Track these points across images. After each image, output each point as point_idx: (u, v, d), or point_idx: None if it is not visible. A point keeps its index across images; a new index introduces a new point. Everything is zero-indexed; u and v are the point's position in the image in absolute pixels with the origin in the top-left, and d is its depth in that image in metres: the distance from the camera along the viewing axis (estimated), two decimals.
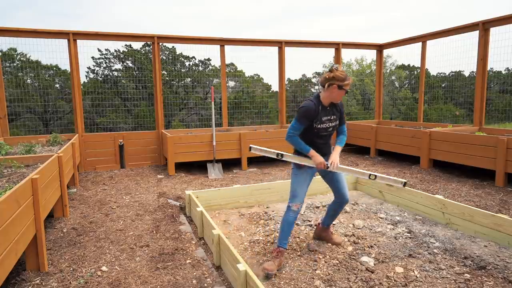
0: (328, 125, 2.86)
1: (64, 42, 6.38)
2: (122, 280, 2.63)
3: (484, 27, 6.27)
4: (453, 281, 2.56)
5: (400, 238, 3.31)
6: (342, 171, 2.98)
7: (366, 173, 2.97)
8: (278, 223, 3.70)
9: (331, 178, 3.06)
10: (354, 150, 8.30)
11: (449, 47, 7.40)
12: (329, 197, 4.69)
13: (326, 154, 2.92)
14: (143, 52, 18.73)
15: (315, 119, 2.79)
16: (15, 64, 14.93)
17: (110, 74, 18.64)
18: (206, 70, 20.08)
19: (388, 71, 20.59)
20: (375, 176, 2.93)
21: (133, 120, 12.14)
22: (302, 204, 2.99)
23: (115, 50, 18.56)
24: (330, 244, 3.17)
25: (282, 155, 2.91)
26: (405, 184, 2.95)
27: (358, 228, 3.56)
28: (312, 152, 2.81)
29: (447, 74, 15.86)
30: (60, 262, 2.93)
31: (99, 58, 18.54)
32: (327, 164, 2.83)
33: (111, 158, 6.73)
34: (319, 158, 2.81)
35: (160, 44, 7.18)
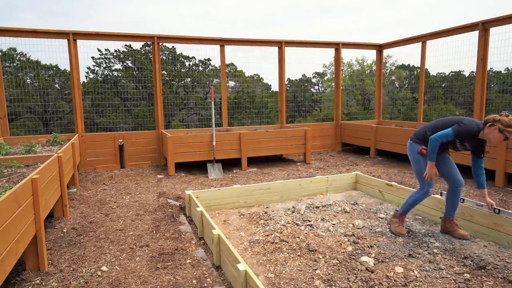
0: (463, 149, 3.17)
1: (64, 42, 6.39)
2: (122, 280, 2.64)
3: (484, 27, 6.27)
4: (453, 281, 2.56)
5: (400, 238, 3.31)
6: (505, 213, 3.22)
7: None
8: (278, 223, 3.70)
9: (442, 165, 3.29)
10: (354, 150, 8.30)
11: (449, 47, 7.41)
12: (329, 197, 4.69)
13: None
14: (143, 52, 18.73)
15: (464, 142, 3.09)
16: (15, 64, 14.93)
17: (110, 74, 18.63)
18: (206, 70, 20.08)
19: (388, 71, 20.58)
20: (499, 210, 3.20)
21: (133, 120, 12.15)
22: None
23: (115, 50, 18.56)
24: (330, 244, 3.17)
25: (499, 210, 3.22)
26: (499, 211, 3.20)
27: (358, 228, 3.56)
28: (433, 163, 3.15)
29: (447, 74, 15.86)
30: (60, 262, 2.93)
31: (99, 58, 18.53)
32: (493, 205, 3.22)
33: (111, 158, 6.74)
34: (433, 170, 3.17)
35: (160, 44, 7.19)
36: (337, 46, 8.38)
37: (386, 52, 10.88)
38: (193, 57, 19.60)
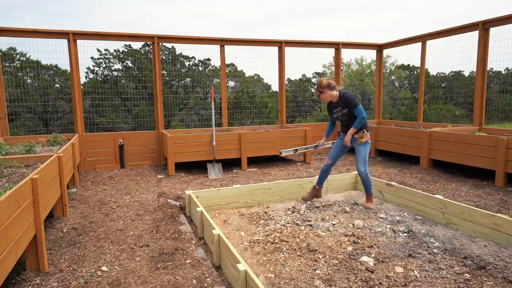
0: (337, 115, 4.22)
1: (64, 42, 6.39)
2: (122, 280, 2.64)
3: (484, 27, 6.28)
4: (453, 281, 2.56)
5: (400, 238, 3.31)
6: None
7: (311, 146, 4.65)
8: (278, 223, 3.70)
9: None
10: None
11: (449, 47, 7.41)
12: (329, 197, 4.69)
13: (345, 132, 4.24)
14: (143, 52, 18.72)
15: (330, 111, 4.31)
16: (15, 64, 14.93)
17: (110, 74, 18.62)
18: (206, 70, 20.08)
19: (388, 71, 20.57)
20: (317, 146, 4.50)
21: (133, 120, 12.15)
22: (331, 161, 4.32)
23: (115, 50, 18.54)
24: (330, 244, 3.17)
25: (316, 146, 4.56)
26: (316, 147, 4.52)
27: (358, 228, 3.56)
28: (324, 138, 4.48)
29: (447, 74, 15.85)
30: (60, 262, 2.93)
31: (99, 58, 18.51)
32: (317, 145, 4.51)
33: (111, 158, 6.73)
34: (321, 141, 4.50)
35: (160, 44, 7.19)
36: (337, 46, 8.38)
37: (386, 52, 10.88)
38: (193, 57, 19.61)
